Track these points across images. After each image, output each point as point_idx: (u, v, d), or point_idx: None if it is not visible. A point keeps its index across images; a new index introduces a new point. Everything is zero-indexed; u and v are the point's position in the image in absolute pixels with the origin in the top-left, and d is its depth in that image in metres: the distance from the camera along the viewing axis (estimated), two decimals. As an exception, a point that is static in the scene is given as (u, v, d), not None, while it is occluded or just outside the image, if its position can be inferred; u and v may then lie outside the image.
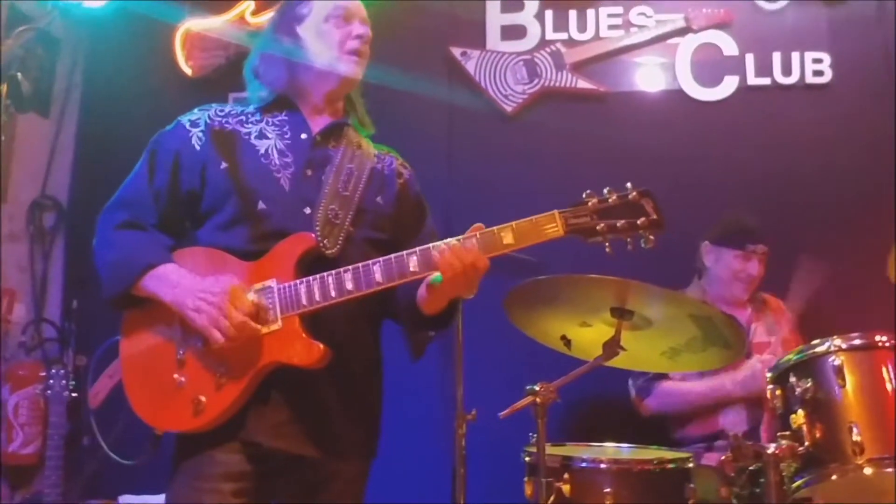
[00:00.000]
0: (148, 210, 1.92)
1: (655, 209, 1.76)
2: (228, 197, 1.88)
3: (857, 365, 2.19)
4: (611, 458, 2.38)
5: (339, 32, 1.98)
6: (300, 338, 1.76)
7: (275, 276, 1.79)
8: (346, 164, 1.96)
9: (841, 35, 3.84)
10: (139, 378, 1.88)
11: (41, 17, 3.87)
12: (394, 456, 3.53)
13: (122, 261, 1.86)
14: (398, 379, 3.55)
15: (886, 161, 3.65)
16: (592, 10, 3.96)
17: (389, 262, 1.76)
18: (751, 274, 3.14)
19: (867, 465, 2.07)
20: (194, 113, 1.99)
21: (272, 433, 1.80)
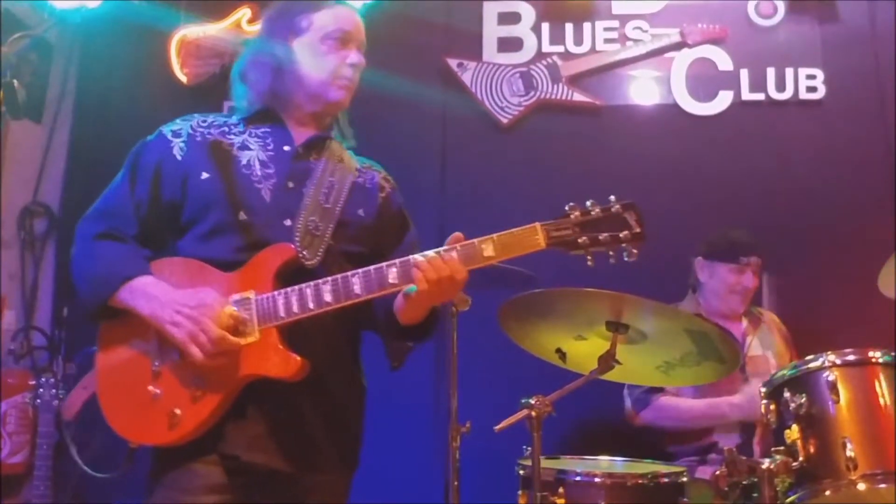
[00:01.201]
0: (128, 220, 1.90)
1: (639, 222, 1.74)
2: (210, 208, 1.87)
3: (850, 380, 2.19)
4: (605, 472, 2.38)
5: (334, 57, 1.96)
6: (278, 350, 1.74)
7: (253, 288, 1.78)
8: (328, 177, 1.95)
9: (835, 51, 3.86)
10: (114, 390, 1.85)
11: (36, 22, 3.86)
12: (387, 468, 3.54)
13: (99, 273, 1.84)
14: (392, 391, 3.56)
15: (880, 177, 3.67)
16: (589, 24, 3.99)
17: (369, 274, 1.74)
18: (746, 286, 3.16)
19: (861, 481, 2.07)
20: (176, 123, 1.98)
21: (250, 446, 1.79)
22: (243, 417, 1.78)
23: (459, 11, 4.03)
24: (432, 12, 4.01)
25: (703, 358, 2.29)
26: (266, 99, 1.98)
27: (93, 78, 4.19)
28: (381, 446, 3.56)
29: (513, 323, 2.38)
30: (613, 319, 2.21)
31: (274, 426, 1.80)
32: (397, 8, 3.90)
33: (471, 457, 2.53)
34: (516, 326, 2.40)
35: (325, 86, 1.96)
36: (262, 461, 1.80)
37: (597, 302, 2.19)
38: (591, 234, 1.73)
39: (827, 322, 3.28)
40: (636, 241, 1.74)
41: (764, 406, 2.29)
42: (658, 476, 2.38)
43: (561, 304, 2.28)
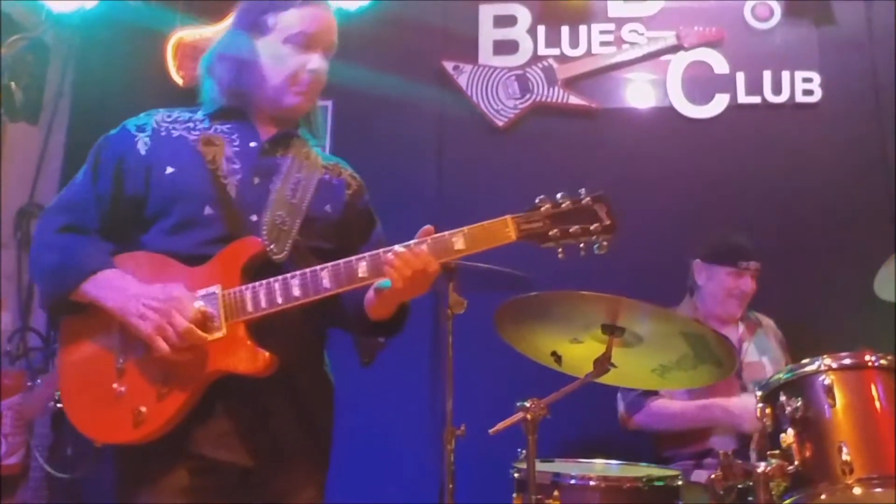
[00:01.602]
0: (90, 215, 1.88)
1: (609, 214, 1.73)
2: (174, 202, 1.84)
3: (846, 384, 2.18)
4: (600, 475, 2.38)
5: (294, 61, 1.91)
6: (245, 345, 1.72)
7: (220, 282, 1.75)
8: (295, 173, 1.93)
9: (831, 55, 3.88)
10: (77, 388, 1.82)
11: (32, 24, 3.86)
12: (383, 470, 3.55)
13: (62, 265, 1.81)
14: (388, 394, 3.57)
15: (877, 180, 3.68)
16: (585, 27, 3.99)
17: (338, 268, 1.73)
18: (744, 290, 3.15)
19: (856, 485, 2.07)
20: (140, 118, 1.96)
21: (216, 444, 1.76)
22: (210, 415, 1.76)
23: (455, 14, 4.03)
24: (428, 15, 4.01)
25: (699, 361, 2.28)
26: (231, 95, 1.95)
27: (89, 80, 4.19)
28: (378, 449, 3.57)
29: (509, 326, 2.38)
30: (609, 322, 2.20)
31: (241, 423, 1.78)
32: (394, 11, 3.90)
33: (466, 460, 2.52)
34: (512, 329, 2.39)
35: (282, 90, 1.92)
36: (229, 459, 1.77)
37: (593, 305, 2.19)
38: (561, 226, 1.72)
39: (823, 325, 3.28)
40: (607, 233, 1.72)
41: (760, 410, 2.29)
42: (653, 479, 2.39)
43: (557, 307, 2.28)
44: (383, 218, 1.94)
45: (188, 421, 1.74)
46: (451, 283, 2.62)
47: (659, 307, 2.23)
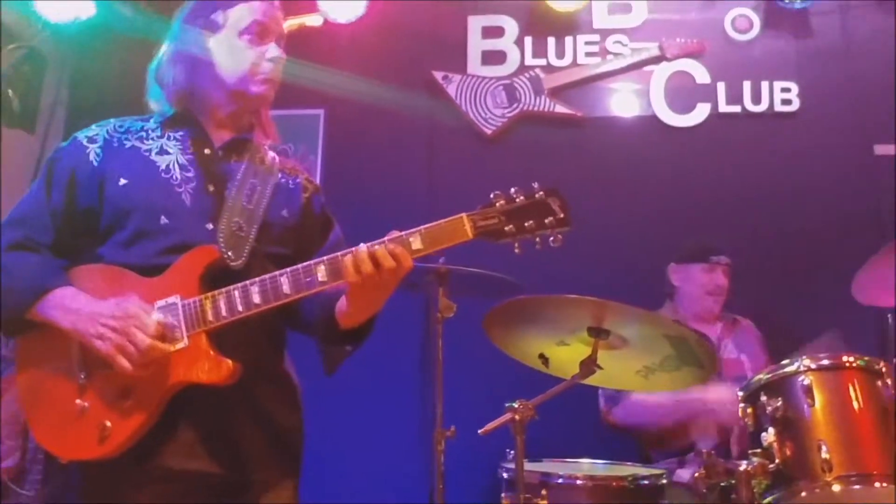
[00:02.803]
0: (43, 229, 1.81)
1: (563, 208, 1.69)
2: (129, 213, 1.78)
3: (825, 384, 2.20)
4: (587, 475, 2.40)
5: (253, 53, 1.87)
6: (208, 355, 1.67)
7: (178, 292, 1.70)
8: (250, 179, 1.87)
9: (808, 65, 3.90)
10: (39, 406, 1.76)
11: (29, 33, 3.84)
12: (374, 471, 3.54)
13: (14, 286, 1.74)
14: (379, 396, 3.57)
15: (854, 187, 3.71)
16: (570, 38, 4.01)
17: (297, 273, 1.68)
18: (718, 284, 3.18)
19: (836, 483, 2.08)
20: (92, 129, 1.90)
21: (182, 454, 1.72)
22: (174, 425, 1.71)
23: (445, 25, 4.04)
24: (418, 26, 4.01)
25: (681, 363, 2.29)
26: (181, 101, 1.90)
27: (85, 88, 4.17)
28: (369, 450, 3.57)
29: (497, 329, 2.38)
30: (595, 325, 2.21)
31: (204, 432, 1.74)
32: (385, 22, 3.91)
33: (456, 460, 2.53)
34: (500, 332, 2.39)
35: (246, 81, 1.86)
36: (195, 467, 1.73)
37: (579, 308, 2.19)
38: (516, 221, 1.68)
39: (803, 327, 3.29)
40: (560, 227, 1.69)
41: (741, 409, 2.30)
42: (638, 478, 2.40)
43: (544, 311, 2.28)
44: (374, 224, 1.93)
45: (152, 433, 1.70)
46: (442, 287, 2.63)
47: (643, 310, 2.23)
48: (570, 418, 2.98)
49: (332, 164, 3.97)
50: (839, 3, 3.93)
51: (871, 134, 3.79)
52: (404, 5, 3.97)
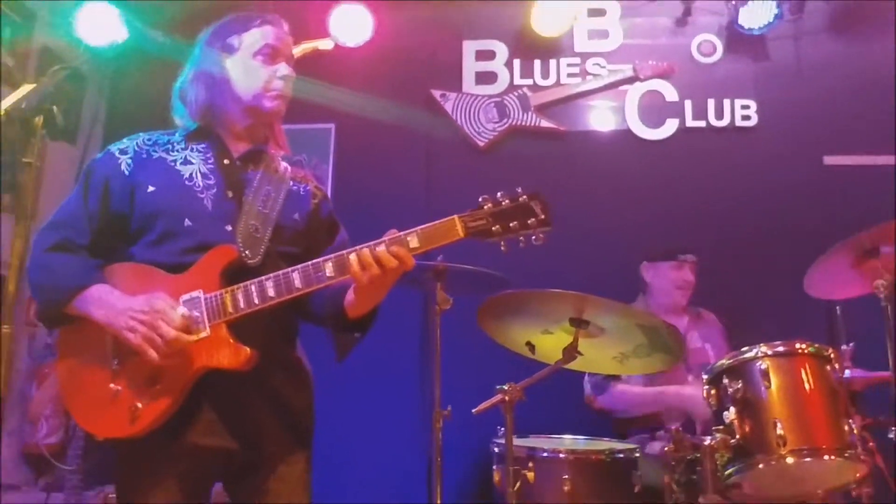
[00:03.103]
0: (81, 231, 1.81)
1: (544, 209, 1.70)
2: (156, 217, 1.79)
3: (780, 369, 2.21)
4: (568, 449, 2.40)
5: (266, 71, 1.87)
6: (228, 343, 1.68)
7: (201, 287, 1.71)
8: (265, 186, 1.88)
9: (765, 85, 3.91)
10: (77, 391, 1.76)
11: (71, 56, 3.84)
12: (379, 447, 3.54)
13: (52, 284, 1.75)
14: (383, 381, 3.57)
15: (805, 192, 3.72)
16: (554, 60, 4.01)
17: (307, 269, 1.69)
18: (686, 280, 3.18)
19: (789, 455, 2.10)
20: (123, 142, 1.90)
21: (205, 432, 1.72)
22: (197, 406, 1.72)
23: (442, 49, 4.04)
24: (419, 50, 4.02)
25: (652, 350, 2.30)
26: (203, 116, 1.90)
27: (120, 105, 4.18)
28: (375, 428, 3.57)
29: (489, 320, 2.39)
30: (576, 316, 2.22)
31: (225, 412, 1.74)
32: (389, 46, 3.90)
33: (452, 437, 2.53)
34: (492, 323, 2.40)
35: (259, 97, 1.87)
36: (217, 444, 1.74)
37: (562, 301, 2.20)
38: (502, 222, 1.70)
39: (760, 318, 3.31)
40: (542, 227, 1.70)
41: (706, 391, 2.31)
42: (614, 452, 2.40)
43: (530, 304, 2.29)
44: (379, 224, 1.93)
45: (178, 413, 1.71)
46: (439, 283, 2.63)
47: (619, 303, 2.24)
48: (554, 399, 2.99)
49: (342, 172, 3.97)
50: (792, 30, 3.94)
51: (821, 146, 3.81)
52: (406, 31, 3.97)
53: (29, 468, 3.61)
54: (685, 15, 4.02)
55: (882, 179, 3.66)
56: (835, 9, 3.96)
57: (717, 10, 3.97)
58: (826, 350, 2.26)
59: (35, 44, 3.72)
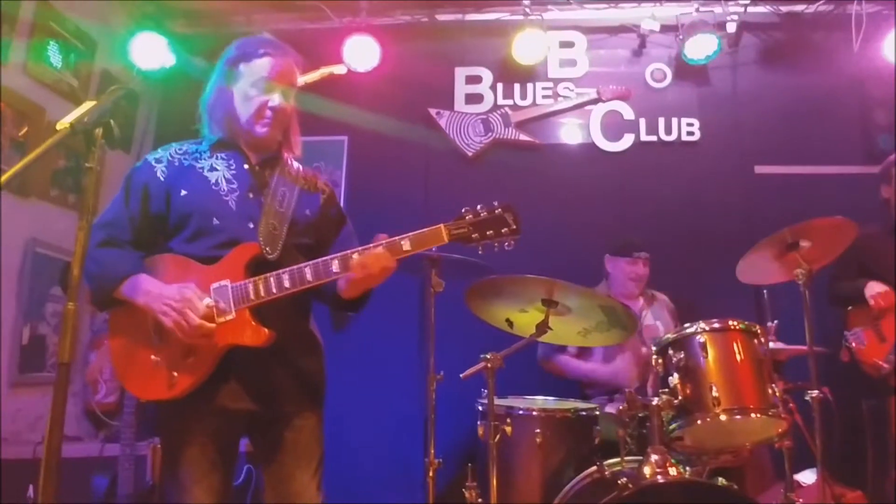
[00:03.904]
0: (124, 230, 1.81)
1: (515, 220, 1.72)
2: (189, 217, 1.78)
3: (716, 342, 2.21)
4: (540, 408, 2.40)
5: (258, 101, 1.82)
6: (250, 325, 1.70)
7: (228, 277, 1.72)
8: (280, 187, 1.86)
9: (707, 106, 3.91)
10: (125, 359, 1.79)
11: (126, 77, 3.82)
12: (383, 406, 3.55)
13: (102, 274, 1.75)
14: (386, 352, 3.57)
15: (739, 196, 3.74)
16: (531, 84, 4.00)
17: (317, 265, 1.71)
18: (638, 273, 3.17)
19: (723, 413, 2.11)
20: (157, 152, 1.88)
21: (231, 396, 1.74)
22: (225, 376, 1.73)
23: (438, 74, 4.02)
24: (418, 74, 4.00)
25: (611, 326, 2.31)
26: (224, 128, 1.87)
27: (168, 120, 4.14)
28: (379, 391, 3.58)
29: (474, 300, 2.39)
30: (547, 297, 2.23)
31: (248, 379, 1.75)
32: (393, 71, 3.88)
33: (443, 397, 2.54)
34: (477, 303, 2.40)
35: (251, 123, 1.83)
36: (242, 406, 1.75)
37: (535, 285, 2.21)
38: (480, 231, 1.72)
39: (701, 300, 3.32)
40: (513, 235, 1.73)
41: (654, 360, 2.30)
42: (579, 410, 2.42)
43: (509, 287, 2.29)
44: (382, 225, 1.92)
45: (209, 381, 1.72)
46: (433, 269, 2.63)
47: (583, 287, 2.25)
48: (528, 366, 3.00)
49: (353, 178, 3.96)
50: (730, 61, 3.94)
51: (752, 158, 3.82)
52: (408, 59, 3.95)
53: (90, 423, 3.60)
54: (640, 47, 4.01)
55: (803, 186, 3.68)
56: (765, 43, 3.97)
57: (667, 44, 3.97)
58: (754, 326, 2.27)
59: (96, 68, 3.69)
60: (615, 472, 2.12)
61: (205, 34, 4.03)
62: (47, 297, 3.41)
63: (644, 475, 2.04)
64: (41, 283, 3.36)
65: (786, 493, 2.33)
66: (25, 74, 3.26)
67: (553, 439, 2.31)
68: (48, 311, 3.41)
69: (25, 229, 3.27)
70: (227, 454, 1.79)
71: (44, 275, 3.36)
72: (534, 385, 2.83)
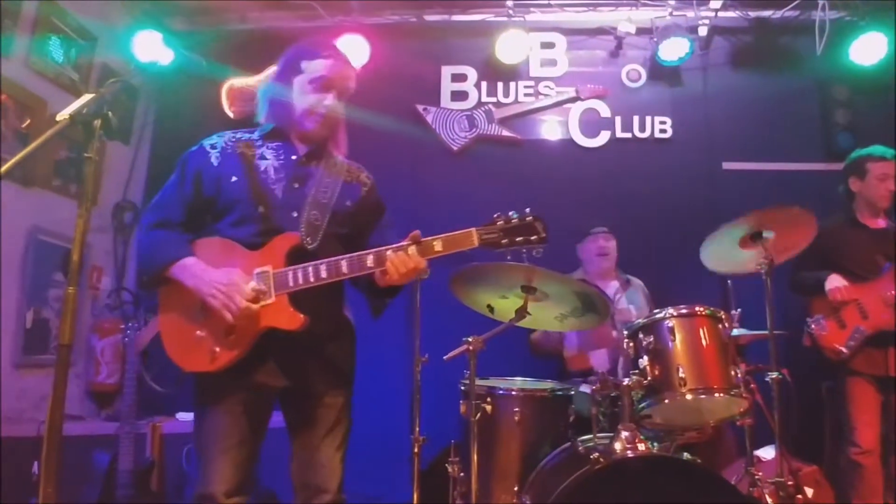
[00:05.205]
0: (176, 211, 1.82)
1: (545, 229, 1.73)
2: (237, 202, 1.79)
3: (683, 326, 2.23)
4: (519, 388, 2.41)
5: (314, 97, 1.84)
6: (287, 310, 1.71)
7: (270, 264, 1.73)
8: (325, 179, 1.87)
9: (679, 106, 3.94)
10: (172, 333, 1.81)
11: (125, 71, 3.77)
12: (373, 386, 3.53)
13: (153, 255, 1.77)
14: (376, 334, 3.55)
15: (707, 189, 3.77)
16: (514, 83, 4.00)
17: (353, 259, 1.71)
18: (601, 246, 3.18)
19: (689, 393, 2.13)
20: (212, 138, 1.89)
21: (269, 375, 1.76)
22: (261, 355, 1.75)
23: (425, 72, 4.01)
24: (407, 72, 3.98)
25: (586, 311, 2.32)
26: (276, 120, 1.89)
27: (166, 113, 4.10)
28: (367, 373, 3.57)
29: (458, 286, 2.39)
30: (526, 284, 2.23)
31: (283, 358, 1.77)
32: (383, 69, 3.86)
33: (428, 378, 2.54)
34: (460, 289, 2.40)
35: (304, 117, 1.85)
36: (275, 383, 1.77)
37: (515, 272, 2.20)
38: (510, 237, 1.71)
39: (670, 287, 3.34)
40: (541, 243, 1.73)
41: (626, 343, 2.32)
42: (555, 390, 2.42)
43: (491, 274, 2.28)
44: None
45: (246, 359, 1.73)
46: (420, 257, 2.63)
47: (560, 274, 2.25)
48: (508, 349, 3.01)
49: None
50: (701, 62, 3.96)
51: (721, 154, 3.86)
52: (396, 57, 3.93)
53: (92, 403, 3.59)
54: (617, 49, 4.02)
55: (768, 181, 3.72)
56: (735, 46, 3.99)
57: (643, 46, 3.98)
58: (719, 312, 2.29)
59: (96, 62, 3.64)
60: (588, 448, 2.14)
61: (201, 31, 3.99)
62: (50, 282, 3.37)
63: (615, 450, 2.06)
64: (44, 269, 3.33)
65: (747, 468, 2.36)
66: (28, 68, 3.22)
67: (531, 417, 2.32)
68: (51, 295, 3.38)
69: (29, 217, 3.23)
70: (256, 431, 1.80)
71: (46, 261, 3.33)
72: (513, 367, 2.85)
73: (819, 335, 2.91)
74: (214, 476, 1.72)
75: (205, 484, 1.73)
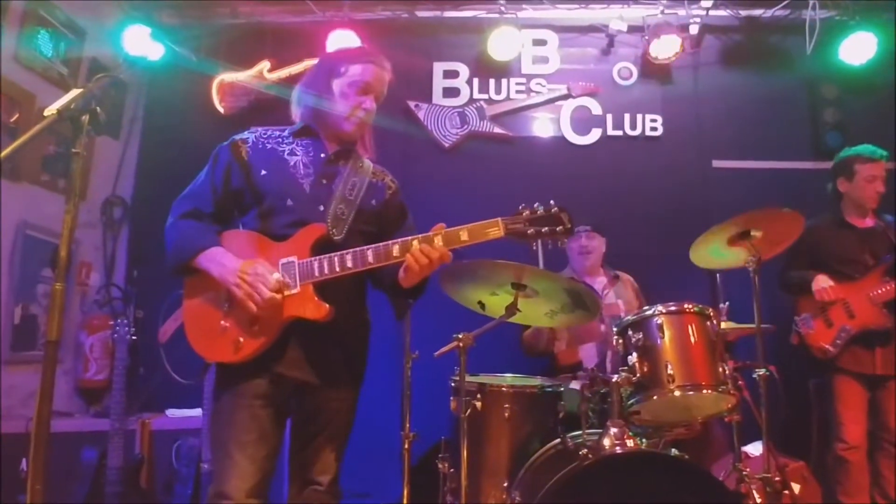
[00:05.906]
0: (207, 201, 1.83)
1: (570, 220, 1.74)
2: (265, 195, 1.81)
3: (672, 323, 2.23)
4: (509, 384, 2.40)
5: (354, 100, 1.87)
6: (313, 299, 1.72)
7: (295, 255, 1.74)
8: (352, 177, 1.90)
9: (670, 103, 3.95)
10: (196, 323, 1.81)
11: (113, 66, 3.74)
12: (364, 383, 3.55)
13: (182, 244, 1.78)
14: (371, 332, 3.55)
15: (697, 187, 3.79)
16: (505, 80, 4.00)
17: (378, 248, 1.72)
18: (583, 245, 3.19)
19: (677, 390, 2.14)
20: (244, 134, 1.91)
21: (290, 366, 1.76)
22: (284, 346, 1.76)
23: (417, 68, 4.00)
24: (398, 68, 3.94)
25: (575, 307, 2.31)
26: (308, 119, 1.92)
27: (156, 108, 4.08)
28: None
29: (449, 283, 2.37)
30: (516, 281, 2.22)
31: (305, 351, 1.78)
32: (374, 65, 3.86)
33: (418, 374, 2.55)
34: (451, 285, 2.38)
35: (342, 120, 1.89)
36: (297, 376, 1.77)
37: (505, 269, 2.20)
38: (536, 227, 1.72)
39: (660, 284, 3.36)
40: (566, 234, 1.74)
41: (615, 339, 2.33)
42: (545, 387, 2.41)
43: (481, 271, 2.27)
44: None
45: (270, 350, 1.74)
46: (411, 254, 2.62)
47: (549, 271, 2.27)
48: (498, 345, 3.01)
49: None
50: (692, 61, 3.98)
51: (710, 152, 3.88)
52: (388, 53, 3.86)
53: (81, 399, 3.57)
54: (609, 46, 4.03)
55: (757, 179, 3.75)
56: (725, 45, 4.01)
57: (634, 43, 3.99)
58: (707, 310, 2.29)
59: (85, 56, 3.61)
60: (577, 444, 2.14)
61: (191, 25, 3.96)
62: (38, 278, 3.35)
63: (604, 447, 2.06)
64: (32, 265, 3.30)
65: (734, 464, 2.38)
66: (16, 62, 3.19)
67: (520, 413, 2.32)
68: (39, 291, 3.35)
69: (17, 213, 3.21)
70: (275, 428, 1.79)
71: (35, 257, 3.30)
72: (503, 363, 2.86)
73: (806, 334, 2.94)
74: (233, 471, 1.69)
75: (222, 481, 1.70)
